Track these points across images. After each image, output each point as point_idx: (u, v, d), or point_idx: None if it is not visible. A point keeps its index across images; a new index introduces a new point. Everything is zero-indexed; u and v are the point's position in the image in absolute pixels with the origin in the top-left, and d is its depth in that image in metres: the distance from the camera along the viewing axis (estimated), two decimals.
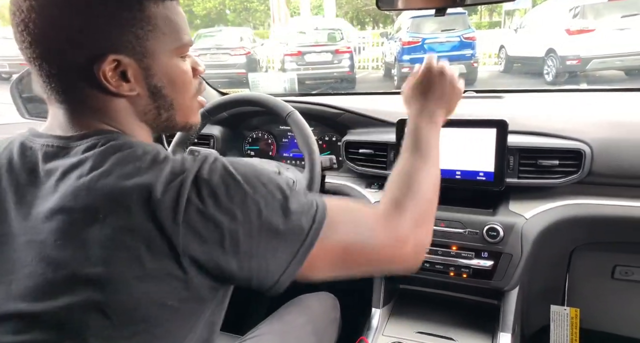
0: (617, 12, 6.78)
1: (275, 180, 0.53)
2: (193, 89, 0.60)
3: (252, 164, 0.54)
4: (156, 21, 0.51)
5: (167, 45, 0.53)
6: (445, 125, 1.00)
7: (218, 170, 0.49)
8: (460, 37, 7.81)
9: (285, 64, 9.00)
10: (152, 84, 0.54)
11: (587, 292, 1.18)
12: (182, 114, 0.59)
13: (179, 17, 0.55)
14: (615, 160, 0.94)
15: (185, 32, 0.56)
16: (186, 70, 0.57)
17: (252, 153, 1.44)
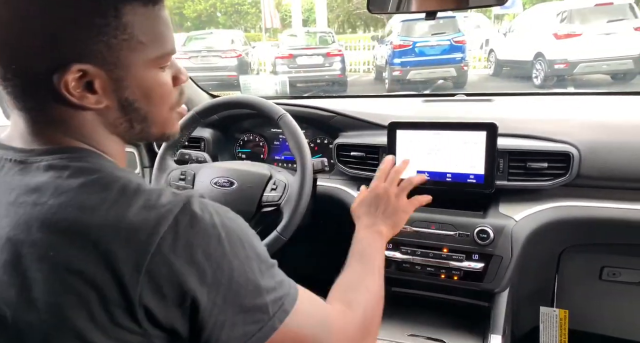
0: (603, 17, 6.91)
1: (256, 247, 0.49)
2: (171, 101, 0.55)
3: (239, 218, 0.50)
4: (133, 30, 0.46)
5: (144, 55, 0.48)
6: (436, 128, 1.02)
7: (202, 219, 0.44)
8: (450, 41, 7.89)
9: (276, 67, 9.01)
10: (123, 97, 0.48)
11: (576, 293, 1.20)
12: (158, 126, 0.54)
13: (162, 24, 0.49)
14: (603, 162, 0.95)
15: (167, 41, 0.50)
16: (164, 82, 0.52)
17: (243, 156, 1.44)
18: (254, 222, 1.01)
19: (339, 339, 0.54)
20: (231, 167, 1.06)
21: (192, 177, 1.06)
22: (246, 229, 0.49)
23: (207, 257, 0.43)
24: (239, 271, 0.45)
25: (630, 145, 0.95)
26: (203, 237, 0.44)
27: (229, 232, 0.46)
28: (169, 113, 0.55)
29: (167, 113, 0.55)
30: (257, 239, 0.50)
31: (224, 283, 0.44)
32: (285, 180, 1.01)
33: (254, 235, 0.50)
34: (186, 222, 0.43)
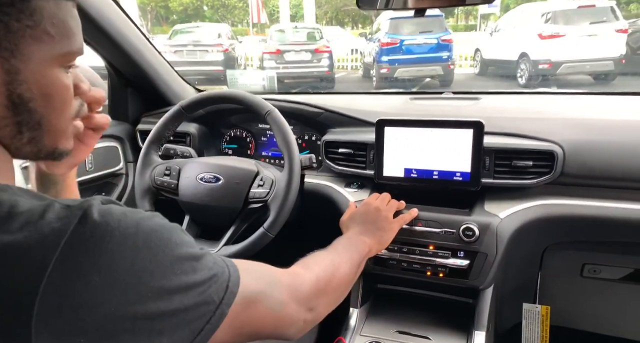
0: (585, 18, 7.06)
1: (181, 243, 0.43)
2: (72, 110, 0.49)
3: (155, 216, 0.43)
4: (42, 17, 0.41)
5: (49, 48, 0.43)
6: (424, 126, 1.02)
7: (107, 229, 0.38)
8: (437, 39, 7.95)
9: (264, 62, 8.95)
10: (15, 93, 0.42)
11: (558, 289, 1.22)
12: (51, 137, 0.47)
13: (74, 20, 0.46)
14: (586, 161, 0.97)
15: (76, 38, 0.46)
16: (67, 85, 0.46)
17: (229, 152, 1.42)
18: (240, 219, 1.01)
19: (289, 293, 0.56)
20: (217, 162, 1.04)
21: (177, 172, 1.05)
22: (166, 226, 0.43)
23: (121, 272, 0.37)
24: (167, 278, 0.40)
25: (613, 144, 0.97)
26: (115, 251, 0.38)
27: (146, 237, 0.40)
28: (67, 124, 0.49)
29: (65, 123, 0.48)
30: (179, 233, 0.44)
31: (150, 296, 0.39)
32: (273, 177, 1.00)
33: (174, 230, 0.44)
34: (87, 238, 0.37)
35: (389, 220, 0.86)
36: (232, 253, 0.97)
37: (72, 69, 0.48)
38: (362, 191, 1.14)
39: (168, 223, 0.45)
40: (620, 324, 1.28)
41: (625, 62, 6.79)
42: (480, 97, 1.26)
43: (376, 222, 0.84)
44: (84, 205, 0.39)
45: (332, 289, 0.65)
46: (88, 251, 0.37)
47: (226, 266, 0.48)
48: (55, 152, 0.49)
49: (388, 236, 0.86)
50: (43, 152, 0.48)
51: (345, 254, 0.73)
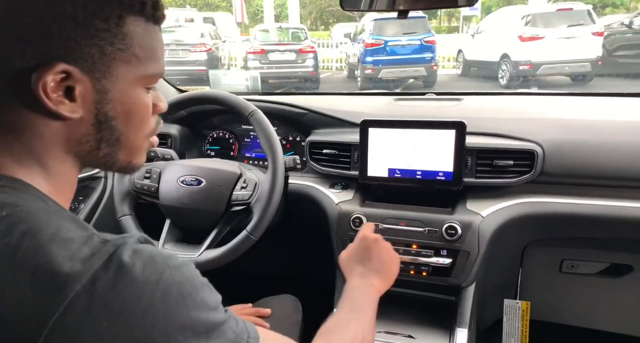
0: (564, 21, 7.23)
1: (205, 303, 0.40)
2: (149, 128, 0.51)
3: (185, 266, 0.42)
4: (132, 41, 0.44)
5: (135, 70, 0.45)
6: (407, 126, 1.03)
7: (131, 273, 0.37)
8: (420, 41, 8.02)
9: (248, 62, 8.90)
10: (102, 111, 0.44)
11: (537, 285, 1.25)
12: (126, 153, 0.49)
13: (158, 44, 0.48)
14: (565, 160, 0.99)
15: (161, 62, 0.49)
16: (147, 105, 0.49)
17: (212, 153, 1.41)
18: (223, 222, 0.99)
19: None
20: (199, 164, 1.03)
21: (157, 175, 1.03)
22: (193, 280, 0.41)
23: (131, 322, 0.36)
24: (175, 340, 0.37)
25: (590, 144, 0.99)
26: (129, 298, 0.36)
27: (166, 288, 0.38)
28: (143, 141, 0.51)
29: (142, 140, 0.50)
30: (205, 290, 0.42)
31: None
32: (256, 179, 1.00)
33: (200, 287, 0.42)
34: (109, 278, 0.36)
35: (390, 251, 0.79)
36: (215, 256, 0.96)
37: (153, 88, 0.50)
38: (346, 192, 1.14)
39: (196, 277, 0.42)
40: (597, 317, 1.31)
41: (601, 64, 6.97)
42: (462, 98, 1.27)
43: (379, 258, 0.76)
44: (117, 243, 0.38)
45: None
46: (105, 292, 0.35)
47: (248, 334, 0.44)
48: (128, 166, 0.51)
49: (394, 269, 0.77)
50: (116, 166, 0.50)
51: (364, 315, 0.65)
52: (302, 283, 1.28)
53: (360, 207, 1.07)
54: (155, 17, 0.47)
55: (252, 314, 0.96)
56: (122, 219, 1.03)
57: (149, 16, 0.46)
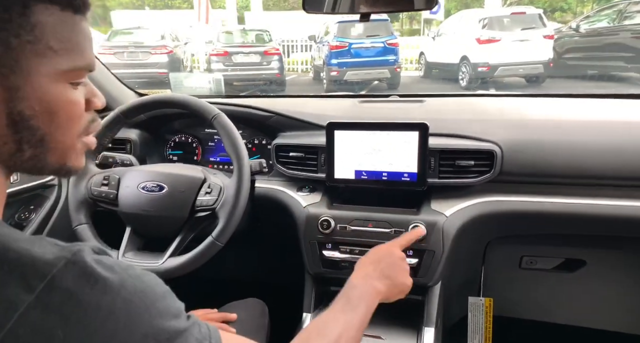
0: (518, 25, 7.58)
1: (168, 310, 0.40)
2: (80, 126, 0.46)
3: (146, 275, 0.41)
4: (42, 33, 0.40)
5: (53, 64, 0.41)
6: (372, 128, 1.04)
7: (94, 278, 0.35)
8: (384, 43, 8.16)
9: (211, 65, 8.74)
10: (16, 110, 0.40)
11: (499, 282, 1.29)
12: (57, 154, 0.45)
13: (81, 35, 0.44)
14: (522, 159, 1.03)
15: (85, 54, 0.44)
16: (74, 101, 0.44)
17: (174, 158, 1.36)
18: (187, 228, 0.97)
19: None
20: (161, 170, 1.00)
21: (116, 181, 0.98)
22: (155, 288, 0.40)
23: (87, 333, 0.34)
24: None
25: (546, 143, 1.04)
26: (88, 308, 0.35)
27: (128, 297, 0.37)
28: (74, 140, 0.46)
29: (72, 140, 0.46)
30: (169, 299, 0.41)
31: None
32: (221, 183, 0.97)
33: (163, 295, 0.41)
34: (67, 287, 0.34)
35: (404, 262, 0.77)
36: (179, 264, 0.93)
37: (82, 83, 0.46)
38: (314, 194, 1.13)
39: (158, 285, 0.41)
40: (554, 311, 1.37)
41: (552, 66, 7.35)
42: (424, 100, 1.30)
43: (393, 266, 0.75)
44: (74, 248, 0.37)
45: None
46: (64, 301, 0.34)
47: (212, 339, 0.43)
48: (62, 169, 0.47)
49: (403, 280, 0.75)
50: (47, 169, 0.46)
51: (355, 318, 0.63)
52: (270, 287, 1.27)
53: (328, 210, 1.07)
54: (73, 5, 0.43)
55: (217, 319, 0.93)
56: (79, 228, 0.99)
57: (65, 4, 0.42)
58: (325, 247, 1.03)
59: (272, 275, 1.50)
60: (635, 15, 6.85)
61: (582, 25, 7.67)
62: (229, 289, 1.17)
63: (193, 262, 0.92)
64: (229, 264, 1.26)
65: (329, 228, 1.02)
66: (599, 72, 7.05)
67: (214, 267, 1.00)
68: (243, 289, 1.14)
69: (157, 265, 0.93)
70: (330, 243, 1.03)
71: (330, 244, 1.03)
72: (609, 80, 6.94)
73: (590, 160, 1.00)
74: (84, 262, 0.36)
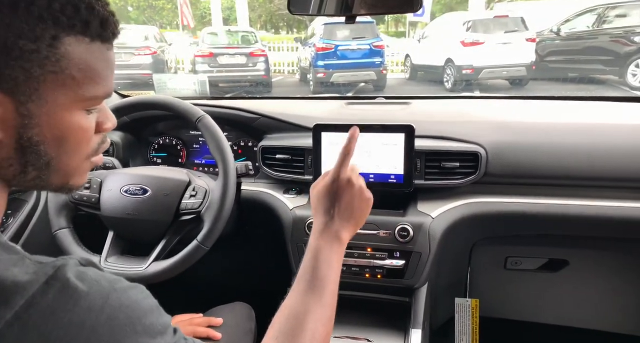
0: (501, 28, 7.71)
1: (153, 327, 0.38)
2: (89, 149, 0.46)
3: (133, 288, 0.39)
4: (68, 63, 0.39)
5: (73, 93, 0.40)
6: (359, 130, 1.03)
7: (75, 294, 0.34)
8: (370, 45, 8.20)
9: (196, 66, 8.66)
10: (25, 136, 0.39)
11: (485, 282, 1.30)
12: (60, 176, 0.44)
13: (104, 64, 0.43)
14: (507, 161, 1.04)
15: (106, 82, 0.44)
16: (86, 128, 0.44)
17: (158, 160, 1.34)
18: (171, 232, 0.95)
19: None
20: (144, 173, 0.98)
21: (98, 185, 0.96)
22: (141, 303, 0.39)
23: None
24: None
25: (529, 145, 1.05)
26: (69, 325, 0.33)
27: (112, 313, 0.35)
28: (81, 162, 0.46)
29: (79, 162, 0.45)
30: (154, 314, 0.40)
31: None
32: (206, 186, 0.96)
33: (149, 310, 0.40)
34: (47, 304, 0.33)
35: (362, 195, 0.67)
36: (163, 268, 0.91)
37: (96, 109, 0.45)
38: (301, 197, 1.13)
39: (145, 300, 0.40)
40: (539, 311, 1.39)
41: (535, 68, 7.49)
42: (410, 102, 1.31)
43: (352, 200, 0.66)
44: (56, 264, 0.35)
45: None
46: (42, 320, 0.32)
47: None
48: (64, 188, 0.46)
49: (364, 214, 0.68)
50: (49, 188, 0.46)
51: (326, 295, 0.58)
52: (257, 291, 1.26)
53: None
54: (103, 36, 0.42)
55: (202, 324, 0.92)
56: (59, 233, 0.96)
57: (95, 35, 0.41)
58: None
59: (258, 278, 1.49)
60: (613, 19, 7.05)
61: (563, 28, 7.85)
62: (214, 293, 1.16)
63: (178, 266, 0.91)
64: (215, 268, 1.25)
65: None
66: (580, 75, 7.21)
67: (199, 270, 0.98)
68: (229, 293, 1.13)
69: (141, 270, 0.91)
70: None
71: None
72: (588, 82, 7.11)
73: (573, 162, 1.01)
74: (65, 278, 0.35)
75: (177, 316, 0.94)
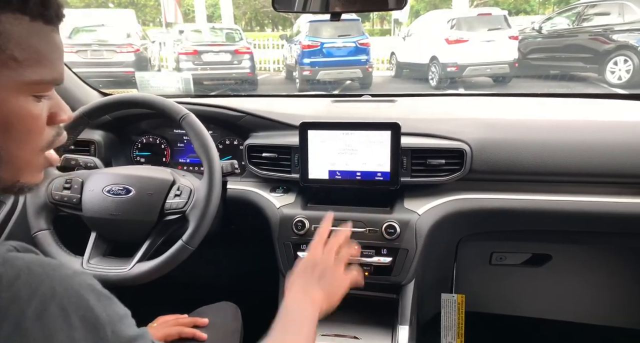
0: (484, 25, 7.80)
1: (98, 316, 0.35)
2: (41, 141, 0.44)
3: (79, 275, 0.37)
4: (8, 42, 0.38)
5: (15, 75, 0.39)
6: (345, 128, 1.04)
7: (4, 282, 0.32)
8: (355, 43, 8.21)
9: (180, 63, 8.54)
10: None
11: (470, 278, 1.32)
12: (11, 170, 0.42)
13: (50, 46, 0.41)
14: (491, 158, 1.05)
15: (53, 67, 0.42)
16: (35, 115, 0.42)
17: (142, 160, 1.32)
18: (156, 232, 0.94)
19: None
20: (127, 172, 0.96)
21: (79, 185, 0.94)
22: (85, 292, 0.36)
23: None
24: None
25: (514, 142, 1.06)
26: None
27: (43, 304, 0.32)
28: (33, 155, 0.43)
29: (31, 155, 0.43)
30: (102, 304, 0.37)
31: None
32: (191, 185, 0.95)
33: (99, 299, 0.37)
34: None
35: (339, 272, 0.72)
36: (147, 269, 0.90)
37: (47, 97, 0.43)
38: (288, 195, 1.12)
39: (92, 288, 0.36)
40: (524, 304, 1.42)
41: (518, 66, 7.61)
42: (396, 100, 1.31)
43: (325, 273, 0.70)
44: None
45: None
46: None
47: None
48: (15, 186, 0.43)
49: (338, 291, 0.71)
50: (0, 185, 0.42)
51: (299, 336, 0.60)
52: (244, 290, 1.25)
53: (302, 210, 1.06)
54: (45, 16, 0.40)
55: (188, 324, 0.91)
56: (38, 235, 0.94)
57: (36, 15, 0.39)
58: (300, 248, 1.02)
59: (245, 278, 1.48)
60: (592, 17, 7.19)
61: (544, 26, 7.98)
62: (200, 293, 1.14)
63: (163, 267, 0.90)
64: (200, 268, 1.23)
65: (304, 229, 1.01)
66: (561, 72, 7.35)
67: (184, 271, 0.97)
68: (215, 293, 1.12)
69: (125, 271, 0.90)
70: (305, 244, 1.02)
71: (304, 245, 1.02)
72: (570, 80, 7.25)
73: (555, 158, 1.03)
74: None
75: (162, 317, 0.93)
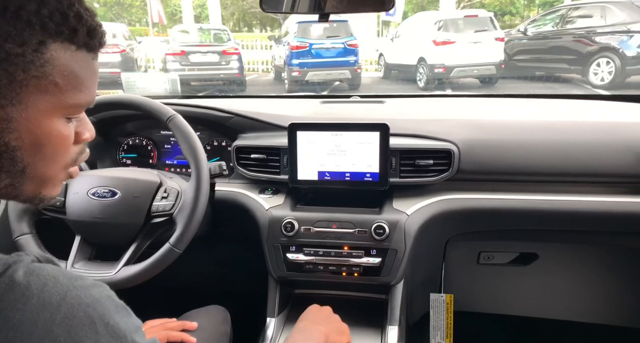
0: (471, 27, 7.90)
1: (119, 329, 0.36)
2: (67, 159, 0.46)
3: (96, 286, 0.38)
4: (53, 69, 0.39)
5: (53, 100, 0.40)
6: (334, 129, 1.03)
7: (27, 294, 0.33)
8: (344, 44, 8.24)
9: (167, 64, 8.47)
10: (2, 141, 0.39)
11: (459, 278, 1.33)
12: (35, 184, 0.44)
13: (88, 72, 0.43)
14: (478, 158, 1.06)
15: (88, 91, 0.44)
16: (65, 136, 0.43)
17: (128, 162, 1.30)
18: (142, 235, 0.92)
19: None
20: (113, 175, 0.94)
21: (63, 188, 0.92)
22: (105, 302, 0.37)
23: None
24: None
25: (501, 142, 1.08)
26: (19, 325, 0.31)
27: (69, 311, 0.33)
28: (57, 171, 0.45)
29: (55, 171, 0.45)
30: (122, 315, 0.38)
31: None
32: (178, 187, 0.94)
33: (116, 310, 0.38)
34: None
35: (339, 323, 0.84)
36: (134, 273, 0.88)
37: (77, 118, 0.45)
38: (277, 197, 1.12)
39: (109, 298, 0.38)
40: (511, 303, 1.43)
41: (504, 67, 7.71)
42: (384, 100, 1.31)
43: (332, 318, 0.83)
44: (8, 261, 0.34)
45: None
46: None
47: None
48: (35, 198, 0.45)
49: (342, 331, 0.81)
50: (20, 198, 0.45)
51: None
52: (233, 293, 1.24)
53: (291, 212, 1.05)
54: (90, 45, 0.42)
55: (176, 328, 0.90)
56: (21, 239, 0.92)
57: (81, 44, 0.42)
58: (289, 249, 1.02)
59: (233, 281, 1.47)
60: (575, 19, 7.33)
61: (530, 28, 8.10)
62: (188, 297, 1.13)
63: (149, 270, 0.88)
64: (188, 271, 1.22)
65: (293, 230, 1.01)
66: (546, 74, 7.47)
67: (172, 274, 0.96)
68: (203, 296, 1.11)
69: (111, 275, 0.88)
70: (294, 245, 1.02)
71: (294, 247, 1.02)
72: (554, 81, 7.37)
73: (541, 158, 1.04)
74: (15, 275, 0.33)
75: (150, 321, 0.92)
